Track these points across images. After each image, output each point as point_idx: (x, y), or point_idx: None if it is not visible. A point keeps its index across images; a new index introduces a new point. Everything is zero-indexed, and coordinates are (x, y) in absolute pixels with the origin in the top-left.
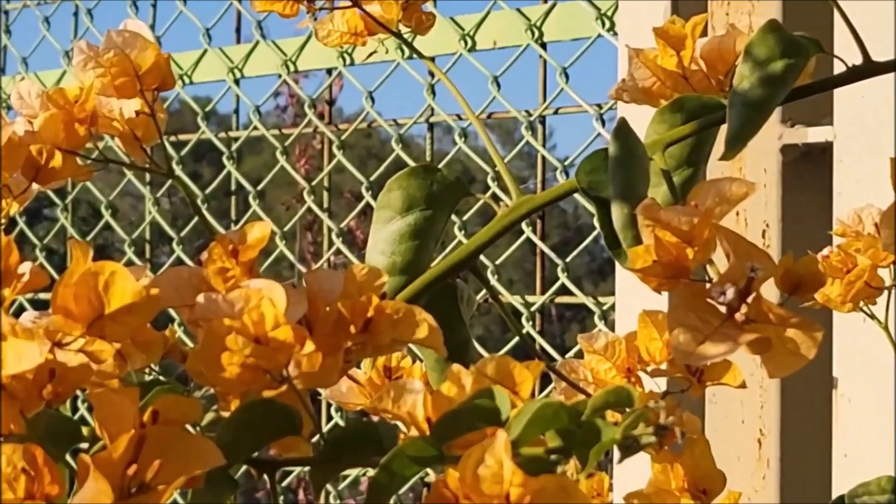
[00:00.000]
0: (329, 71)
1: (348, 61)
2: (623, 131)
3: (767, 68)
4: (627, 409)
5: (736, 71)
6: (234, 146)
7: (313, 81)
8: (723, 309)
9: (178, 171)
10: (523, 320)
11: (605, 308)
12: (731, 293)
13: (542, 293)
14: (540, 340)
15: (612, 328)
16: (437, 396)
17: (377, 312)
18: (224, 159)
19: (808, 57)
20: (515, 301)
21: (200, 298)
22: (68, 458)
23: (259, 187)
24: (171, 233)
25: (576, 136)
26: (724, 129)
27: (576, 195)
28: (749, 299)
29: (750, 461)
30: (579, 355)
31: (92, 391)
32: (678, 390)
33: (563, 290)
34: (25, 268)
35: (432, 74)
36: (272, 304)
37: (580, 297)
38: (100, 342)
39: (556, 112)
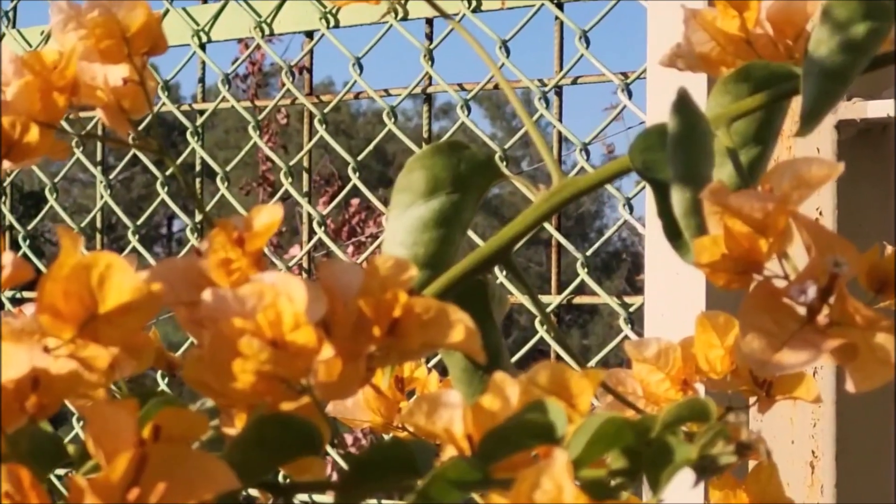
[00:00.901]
0: (310, 34)
1: (332, 23)
2: (684, 104)
3: (848, 32)
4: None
5: (812, 35)
6: (200, 120)
7: (277, 47)
8: (802, 310)
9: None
10: (536, 324)
11: (631, 310)
12: (812, 292)
13: (559, 292)
14: (556, 347)
15: (639, 334)
16: (479, 411)
17: (405, 312)
18: (188, 135)
19: (893, 20)
20: (525, 301)
21: (206, 295)
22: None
23: (229, 168)
24: (127, 221)
25: (585, 111)
26: (796, 102)
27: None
28: (832, 299)
29: (801, 487)
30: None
31: (81, 403)
32: (743, 406)
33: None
34: (7, 259)
35: (430, 38)
36: (290, 301)
37: (603, 297)
38: (93, 346)
39: (574, 81)
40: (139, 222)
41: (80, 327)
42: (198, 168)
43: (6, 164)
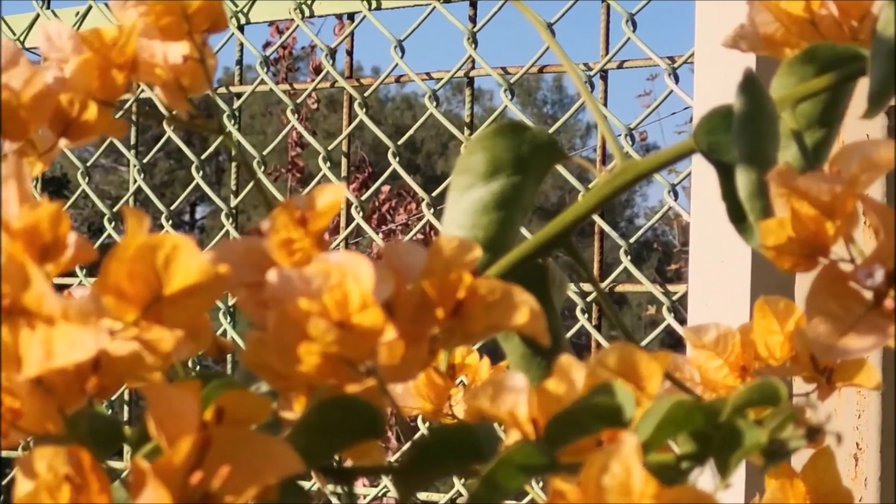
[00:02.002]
0: (351, 16)
1: (373, 5)
2: (751, 85)
3: None
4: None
5: (880, 15)
6: (237, 103)
7: (310, 29)
8: (869, 295)
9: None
10: (578, 312)
11: (674, 298)
12: (879, 276)
13: (601, 280)
14: (597, 336)
15: (681, 323)
16: (544, 394)
17: (469, 293)
18: (225, 118)
19: None
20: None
21: (272, 275)
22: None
23: (266, 152)
24: (161, 205)
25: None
26: (862, 84)
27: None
28: None
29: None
30: None
31: (145, 385)
32: (804, 393)
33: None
34: (71, 239)
35: (473, 21)
36: (357, 281)
37: (646, 286)
38: (158, 329)
39: (620, 66)
40: (172, 207)
41: (144, 309)
42: (233, 152)
43: (63, 142)
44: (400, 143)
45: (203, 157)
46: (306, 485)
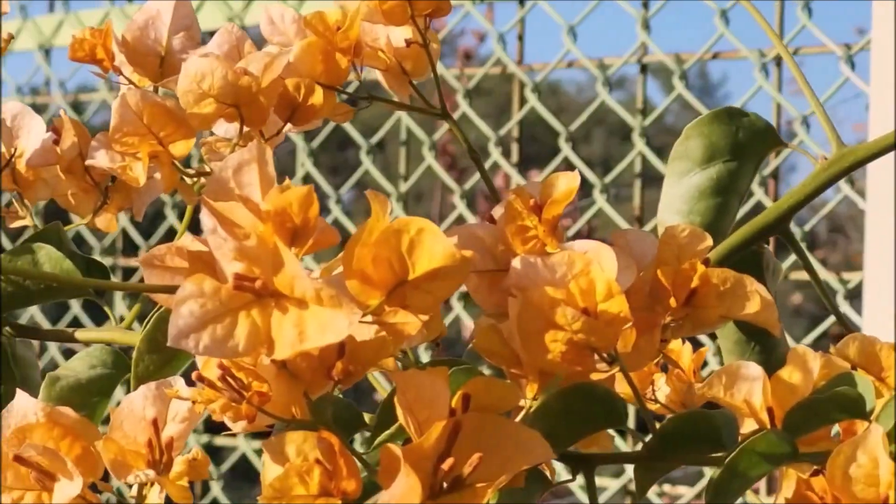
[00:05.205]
0: (521, 1)
1: None
2: None
3: None
4: None
5: None
6: None
7: (456, 14)
8: None
9: None
10: None
11: (849, 287)
12: None
13: None
14: None
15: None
16: (779, 383)
17: (702, 282)
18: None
19: None
20: None
21: (516, 263)
22: None
23: (437, 135)
24: (329, 190)
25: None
26: None
27: None
28: None
29: None
30: None
31: (392, 371)
32: None
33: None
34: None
35: (646, 6)
36: (602, 269)
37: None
38: (403, 313)
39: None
40: (341, 189)
41: (388, 293)
42: (404, 137)
43: (289, 127)
44: (572, 127)
45: (373, 140)
46: None
